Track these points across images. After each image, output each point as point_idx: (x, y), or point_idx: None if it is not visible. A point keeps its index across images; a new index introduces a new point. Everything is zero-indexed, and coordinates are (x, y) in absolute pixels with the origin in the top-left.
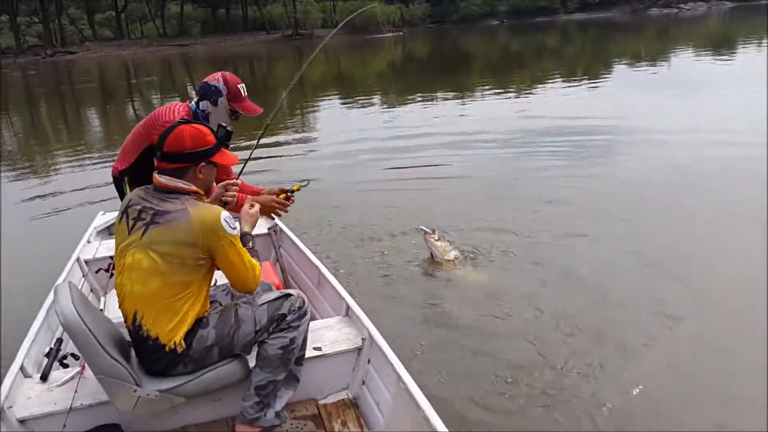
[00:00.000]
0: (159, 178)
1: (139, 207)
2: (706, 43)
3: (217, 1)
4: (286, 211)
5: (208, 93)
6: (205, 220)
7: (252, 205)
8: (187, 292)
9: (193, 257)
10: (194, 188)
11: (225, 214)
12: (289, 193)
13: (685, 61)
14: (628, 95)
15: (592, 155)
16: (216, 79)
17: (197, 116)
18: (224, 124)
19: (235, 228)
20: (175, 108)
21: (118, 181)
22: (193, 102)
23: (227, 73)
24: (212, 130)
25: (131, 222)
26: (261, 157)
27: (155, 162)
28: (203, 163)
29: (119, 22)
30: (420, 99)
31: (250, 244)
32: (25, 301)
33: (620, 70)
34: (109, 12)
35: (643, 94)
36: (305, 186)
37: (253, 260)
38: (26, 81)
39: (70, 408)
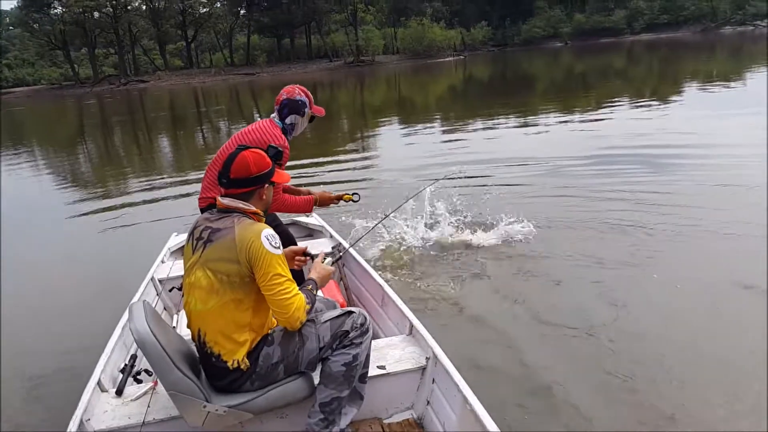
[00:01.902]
0: (222, 200)
1: (202, 227)
2: None
3: (282, 31)
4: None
5: (297, 107)
6: (245, 236)
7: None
8: (243, 310)
9: (239, 275)
10: (254, 209)
11: (268, 231)
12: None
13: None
14: (698, 116)
15: (658, 176)
16: (298, 93)
17: (285, 131)
18: (273, 145)
19: (277, 247)
20: (272, 132)
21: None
22: (276, 119)
23: (298, 85)
24: (264, 151)
25: (195, 242)
26: (318, 177)
27: (222, 189)
28: (266, 185)
29: (189, 52)
30: (480, 122)
31: (310, 286)
32: (102, 317)
33: (691, 90)
34: (180, 43)
35: (714, 114)
36: (356, 201)
37: (300, 295)
38: (101, 109)
39: (143, 422)
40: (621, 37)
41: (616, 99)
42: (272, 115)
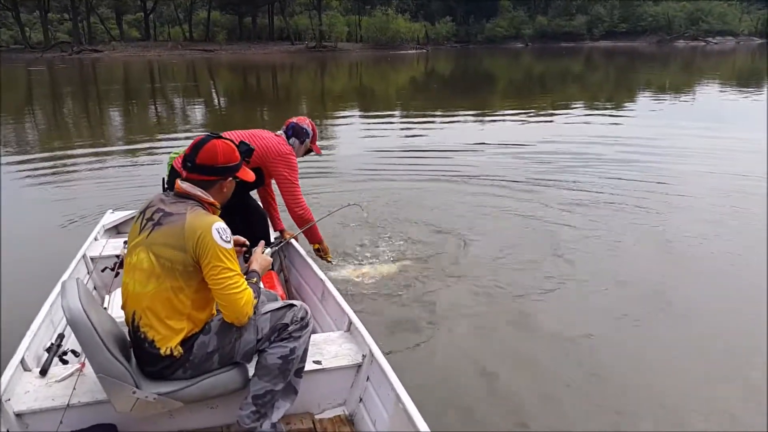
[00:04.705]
0: (181, 184)
1: (155, 208)
2: (732, 77)
3: (244, 9)
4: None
5: (300, 133)
6: (196, 225)
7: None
8: (182, 298)
9: (183, 263)
10: (211, 200)
11: (219, 224)
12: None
13: (710, 95)
14: (650, 125)
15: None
16: (306, 123)
17: None
18: (246, 143)
19: (228, 241)
20: (283, 141)
21: None
22: (283, 136)
23: (309, 119)
24: (236, 146)
25: (144, 222)
26: None
27: (183, 172)
28: (230, 178)
29: (147, 24)
30: (439, 116)
31: (255, 279)
32: (28, 294)
33: (644, 99)
34: (139, 13)
35: (665, 124)
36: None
37: (249, 290)
38: (51, 76)
39: (68, 405)
40: (580, 42)
41: (572, 102)
42: (278, 132)
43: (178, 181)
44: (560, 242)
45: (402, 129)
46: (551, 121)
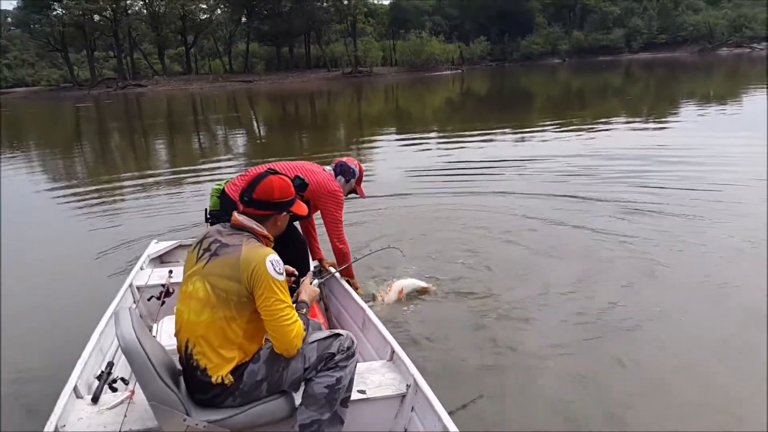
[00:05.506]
0: (238, 217)
1: (212, 239)
2: None
3: (282, 40)
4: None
5: (347, 172)
6: (251, 258)
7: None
8: (234, 328)
9: (237, 294)
10: (265, 233)
11: (273, 256)
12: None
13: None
14: (695, 137)
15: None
16: (354, 164)
17: None
18: (301, 177)
19: (281, 273)
20: (332, 178)
21: None
22: (331, 173)
23: (358, 162)
24: (291, 180)
25: (201, 252)
26: None
27: (240, 205)
28: (284, 213)
29: (188, 58)
30: (477, 135)
31: (304, 311)
32: (76, 320)
33: (687, 110)
34: (180, 48)
35: (711, 134)
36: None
37: (300, 322)
38: (98, 112)
39: None
40: (619, 55)
41: (614, 117)
42: (327, 168)
43: (235, 214)
44: (615, 267)
45: (439, 148)
46: (594, 134)
